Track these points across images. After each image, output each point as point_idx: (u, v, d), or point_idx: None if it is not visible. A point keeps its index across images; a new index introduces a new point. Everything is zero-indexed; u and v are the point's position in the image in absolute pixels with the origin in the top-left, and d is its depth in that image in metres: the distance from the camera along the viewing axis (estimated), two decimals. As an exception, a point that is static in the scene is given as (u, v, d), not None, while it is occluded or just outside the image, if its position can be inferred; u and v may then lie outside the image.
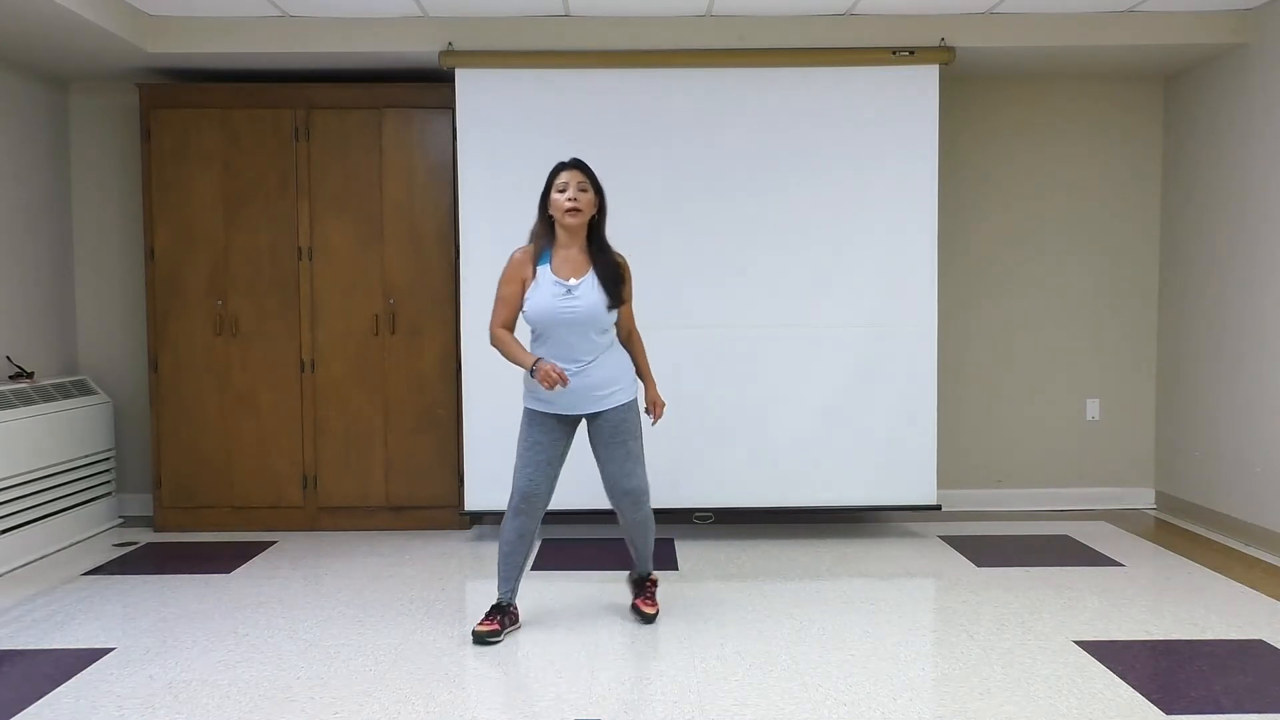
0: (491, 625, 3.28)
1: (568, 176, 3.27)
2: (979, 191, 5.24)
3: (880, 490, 4.65)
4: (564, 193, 3.25)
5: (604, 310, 3.26)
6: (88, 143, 5.18)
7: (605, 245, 3.35)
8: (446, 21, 4.53)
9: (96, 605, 3.71)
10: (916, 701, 2.77)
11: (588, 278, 3.27)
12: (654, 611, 3.49)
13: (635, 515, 3.41)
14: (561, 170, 3.29)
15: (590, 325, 3.25)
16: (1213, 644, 3.22)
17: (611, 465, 3.35)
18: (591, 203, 3.29)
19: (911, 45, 4.56)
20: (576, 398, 3.29)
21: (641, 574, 3.59)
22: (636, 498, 3.37)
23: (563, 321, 3.23)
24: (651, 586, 3.58)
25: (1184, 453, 5.09)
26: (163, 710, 2.74)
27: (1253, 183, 4.54)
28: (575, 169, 3.28)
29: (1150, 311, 5.33)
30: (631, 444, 3.35)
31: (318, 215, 4.79)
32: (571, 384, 3.25)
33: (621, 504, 3.39)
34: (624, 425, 3.34)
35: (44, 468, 4.47)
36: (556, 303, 3.23)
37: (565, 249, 3.31)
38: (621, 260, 3.38)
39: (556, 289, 3.24)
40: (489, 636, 3.25)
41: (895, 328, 4.62)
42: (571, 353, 3.26)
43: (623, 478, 3.34)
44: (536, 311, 3.25)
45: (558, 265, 3.29)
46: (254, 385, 4.83)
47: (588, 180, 3.29)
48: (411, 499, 4.85)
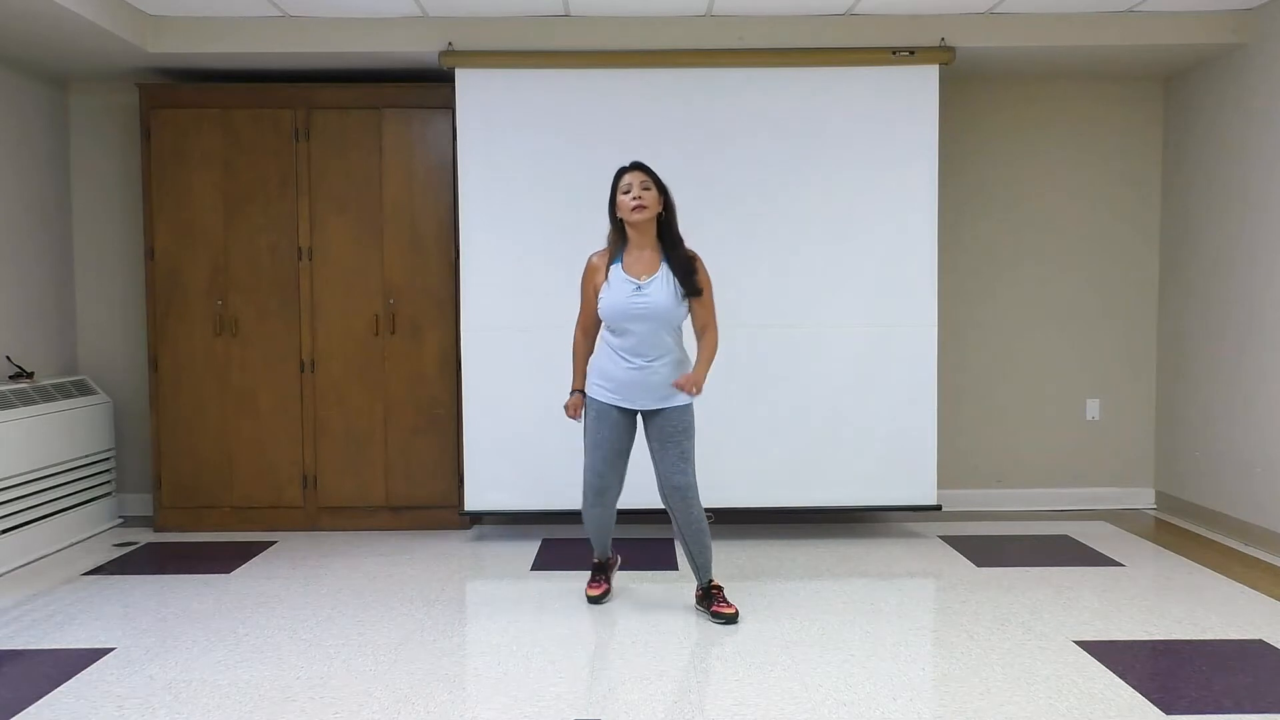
0: (600, 588, 3.69)
1: (630, 178, 3.40)
2: (979, 191, 5.24)
3: (880, 490, 4.65)
4: (628, 194, 3.38)
5: (674, 304, 3.38)
6: (88, 142, 5.18)
7: (677, 240, 3.48)
8: (446, 21, 4.53)
9: (96, 605, 3.71)
10: (916, 701, 2.77)
11: (659, 275, 3.40)
12: (733, 610, 3.44)
13: (687, 515, 3.45)
14: (624, 174, 3.43)
15: (662, 321, 3.39)
16: (1213, 644, 3.22)
17: (665, 463, 3.45)
18: (656, 200, 3.40)
19: (911, 45, 4.56)
20: (643, 392, 3.42)
21: (703, 585, 3.54)
22: (685, 494, 3.45)
23: (634, 317, 3.38)
24: (718, 592, 3.52)
25: (1184, 453, 5.09)
26: (163, 710, 2.74)
27: (1252, 182, 4.54)
28: (637, 170, 3.42)
29: (1150, 311, 5.33)
30: (685, 444, 3.47)
31: (318, 215, 4.79)
32: (638, 378, 3.41)
33: (672, 500, 3.46)
34: (681, 425, 3.46)
35: (44, 468, 4.47)
36: (627, 300, 3.37)
37: (638, 249, 3.45)
38: (694, 254, 3.49)
39: (627, 286, 3.39)
40: (600, 598, 3.67)
41: (896, 327, 4.62)
42: (641, 347, 3.40)
43: (674, 474, 3.45)
44: (609, 308, 3.41)
45: (629, 264, 3.43)
46: (254, 385, 4.83)
47: (650, 179, 3.41)
48: (411, 499, 4.85)
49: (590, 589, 3.71)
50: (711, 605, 3.48)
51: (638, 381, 3.40)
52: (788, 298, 4.61)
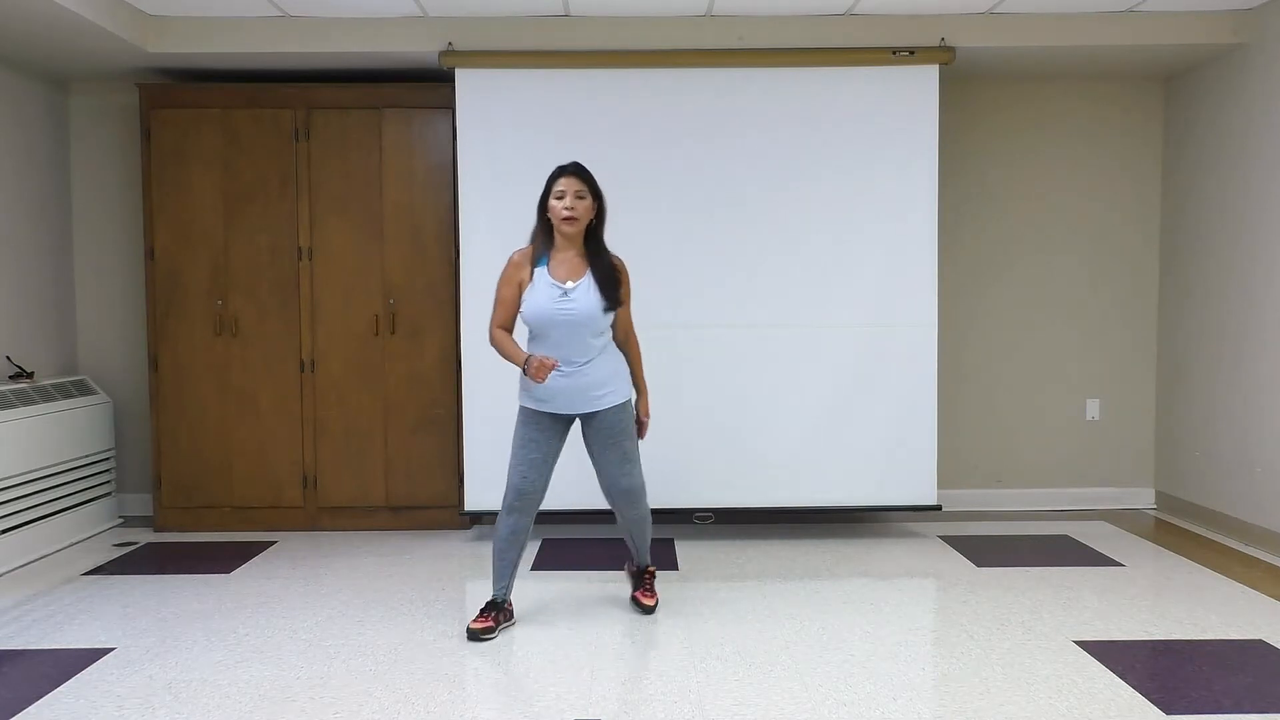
0: (486, 622, 3.30)
1: (565, 184, 3.29)
2: (979, 191, 5.24)
3: (880, 490, 4.65)
4: (561, 200, 3.28)
5: (600, 312, 3.28)
6: (88, 142, 5.17)
7: (603, 249, 3.38)
8: (446, 21, 4.53)
9: (96, 605, 3.71)
10: (916, 701, 2.77)
11: (584, 280, 3.30)
12: (653, 603, 3.57)
13: (633, 513, 3.49)
14: (560, 176, 3.31)
15: (586, 327, 3.28)
16: (1213, 644, 3.22)
17: (608, 466, 3.40)
18: (589, 209, 3.31)
19: (911, 45, 4.56)
20: (571, 398, 3.32)
21: (640, 565, 3.67)
22: (633, 497, 3.44)
23: (558, 323, 3.26)
24: (649, 578, 3.65)
25: (1184, 453, 5.09)
26: (163, 710, 2.74)
27: (1253, 182, 4.54)
28: (574, 175, 3.30)
29: (1150, 311, 5.33)
30: (626, 444, 3.40)
31: (318, 215, 4.79)
32: (566, 384, 3.29)
33: (619, 503, 3.46)
34: (618, 426, 3.38)
35: (44, 468, 4.47)
36: (552, 305, 3.26)
37: (563, 252, 3.34)
38: (619, 263, 3.40)
39: (553, 291, 3.27)
40: (483, 634, 3.27)
41: (895, 327, 4.62)
42: (567, 354, 3.29)
43: (620, 477, 3.40)
44: (533, 313, 3.29)
45: (555, 267, 3.32)
46: (254, 385, 4.83)
47: (586, 187, 3.30)
48: (411, 499, 4.85)
49: (475, 622, 3.30)
50: (638, 590, 3.59)
51: (566, 388, 3.30)
52: (788, 297, 4.61)
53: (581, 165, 3.34)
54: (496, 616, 3.34)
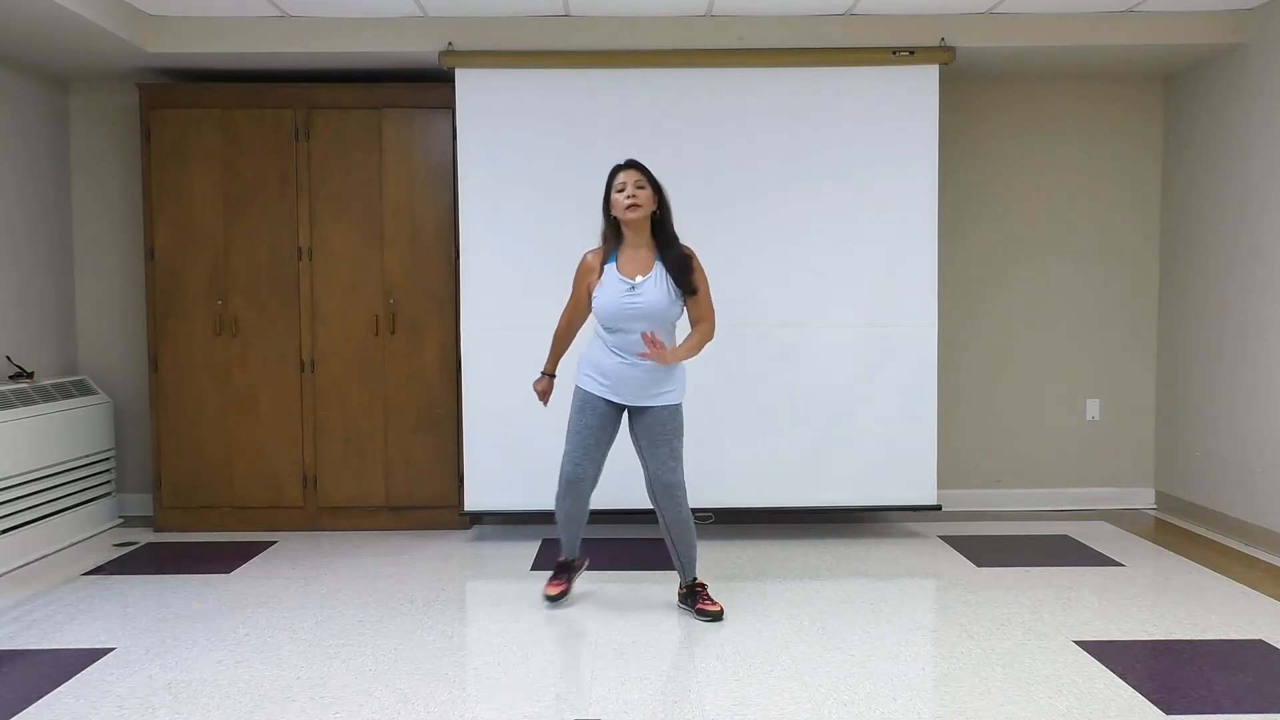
0: (560, 586, 3.64)
1: (625, 176, 3.40)
2: (979, 191, 5.24)
3: (880, 490, 4.65)
4: (622, 192, 3.38)
5: (669, 303, 3.38)
6: (88, 143, 5.18)
7: (672, 238, 3.48)
8: (446, 21, 4.53)
9: (96, 605, 3.71)
10: (916, 701, 2.77)
11: (653, 274, 3.40)
12: (719, 607, 3.48)
13: (675, 514, 3.47)
14: (618, 172, 3.43)
15: (655, 320, 3.38)
16: (1213, 644, 3.22)
17: (654, 461, 3.45)
18: (650, 198, 3.40)
19: (911, 45, 4.56)
20: (634, 388, 3.42)
21: (687, 584, 3.57)
22: (674, 493, 3.45)
23: (627, 316, 3.37)
24: (702, 589, 3.56)
25: (1184, 453, 5.09)
26: (163, 710, 2.74)
27: (1253, 182, 4.54)
28: (631, 169, 3.42)
29: (1150, 311, 5.33)
30: (675, 443, 3.47)
31: (318, 215, 4.79)
32: (633, 374, 3.40)
33: (661, 499, 3.47)
34: (671, 424, 3.46)
35: (44, 468, 4.47)
36: (620, 300, 3.37)
37: (632, 248, 3.44)
38: (689, 251, 3.48)
39: (621, 286, 3.38)
40: (557, 598, 3.62)
41: (895, 327, 4.62)
42: (636, 345, 3.37)
43: (665, 473, 3.44)
44: (603, 308, 3.40)
45: (624, 264, 3.42)
46: (254, 385, 4.83)
47: (644, 178, 3.41)
48: (411, 499, 4.85)
49: (549, 587, 3.67)
50: (696, 604, 3.51)
51: (630, 377, 3.40)
52: (788, 297, 4.61)
53: (637, 160, 3.45)
54: (569, 576, 3.69)
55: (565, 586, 3.67)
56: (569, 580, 3.70)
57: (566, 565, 3.71)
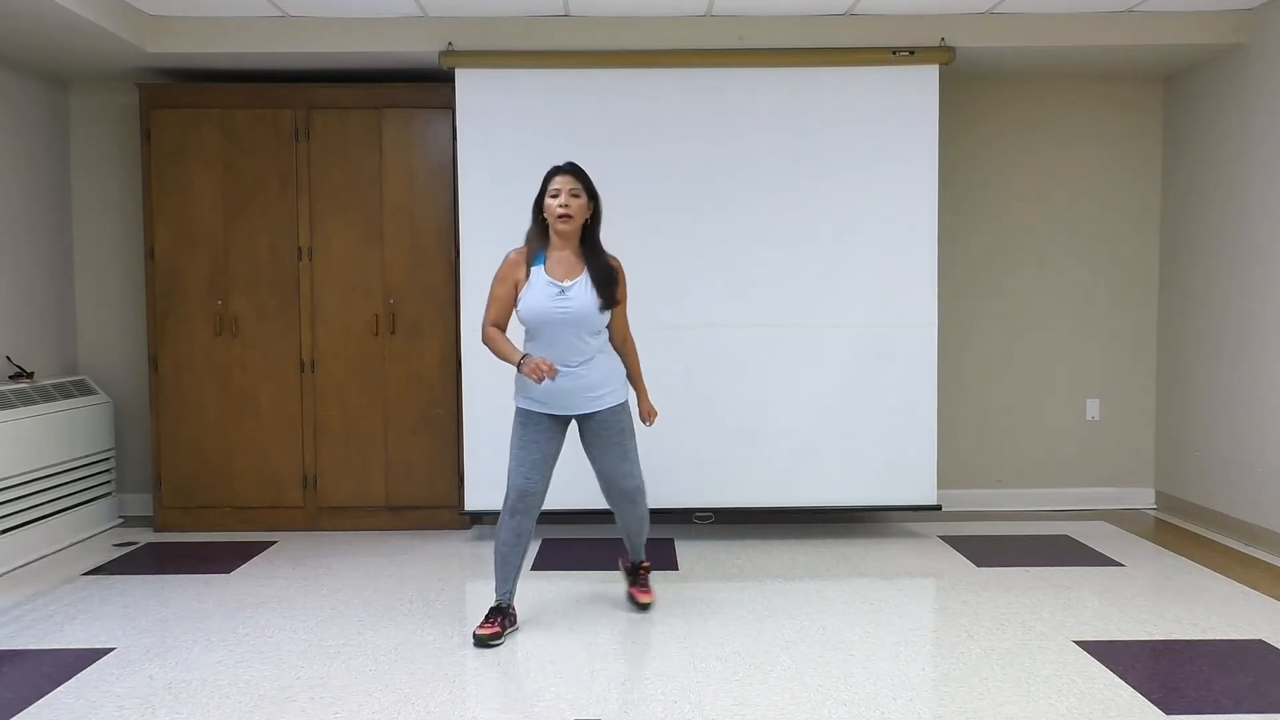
0: (493, 628, 3.26)
1: (560, 182, 3.28)
2: (979, 191, 5.24)
3: (880, 490, 4.65)
4: (556, 198, 3.27)
5: (596, 311, 3.28)
6: (88, 143, 5.18)
7: (599, 248, 3.37)
8: (446, 21, 4.53)
9: (96, 605, 3.71)
10: (916, 701, 2.77)
11: (581, 279, 3.29)
12: (650, 599, 3.60)
13: (632, 514, 3.50)
14: (555, 175, 3.31)
15: (583, 326, 3.28)
16: (1213, 644, 3.22)
17: (607, 466, 3.40)
18: (584, 208, 3.31)
19: (911, 45, 4.56)
20: (569, 398, 3.31)
21: (634, 561, 3.68)
22: (633, 497, 3.44)
23: (555, 321, 3.26)
24: (644, 573, 3.67)
25: (1184, 453, 5.09)
26: (163, 710, 2.74)
27: (1252, 182, 4.54)
28: (568, 174, 3.30)
29: (1150, 311, 5.33)
30: (626, 444, 3.40)
31: (318, 215, 4.79)
32: (564, 384, 3.28)
33: (619, 504, 3.46)
34: (616, 426, 3.38)
35: (44, 468, 4.47)
36: (549, 303, 3.25)
37: (559, 251, 3.34)
38: (615, 263, 3.40)
39: (550, 289, 3.27)
40: (490, 640, 3.23)
41: (895, 327, 4.62)
42: (563, 353, 3.28)
43: (620, 478, 3.40)
44: (530, 311, 3.28)
45: (551, 266, 3.32)
46: (254, 385, 4.83)
47: (580, 185, 3.30)
48: (411, 499, 4.85)
49: (481, 628, 3.26)
50: (634, 585, 3.62)
51: (564, 389, 3.28)
52: (788, 297, 4.61)
53: (576, 164, 3.34)
54: (502, 621, 3.30)
55: (498, 630, 3.26)
56: (502, 625, 3.29)
57: (500, 609, 3.33)
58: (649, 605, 3.59)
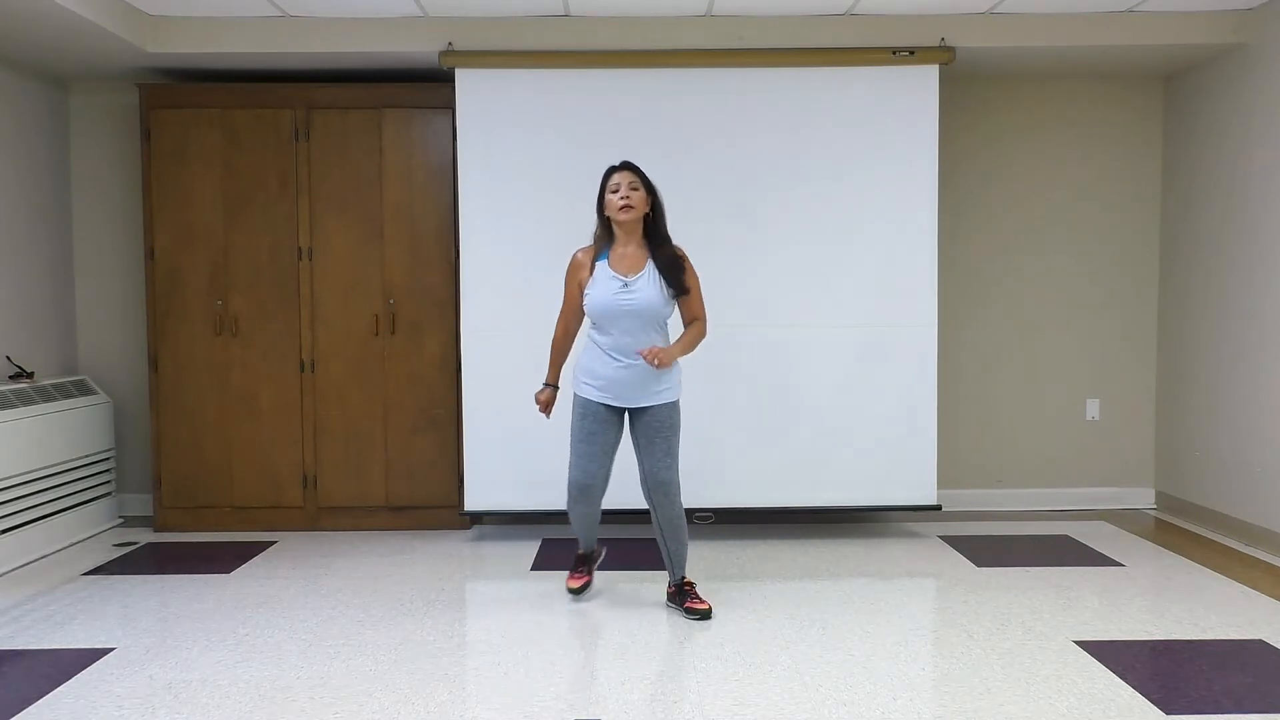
0: (582, 579, 3.74)
1: (619, 178, 3.44)
2: (979, 191, 5.24)
3: (880, 490, 4.65)
4: (617, 193, 3.42)
5: (662, 302, 3.41)
6: (88, 143, 5.18)
7: (664, 238, 3.49)
8: (446, 21, 4.53)
9: (96, 605, 3.71)
10: (916, 701, 2.77)
11: (645, 272, 3.42)
12: (707, 606, 3.51)
13: (669, 511, 3.49)
14: (613, 173, 3.47)
15: (648, 318, 3.40)
16: (1213, 644, 3.22)
17: (650, 459, 3.46)
18: (644, 200, 3.44)
19: (911, 45, 4.56)
20: (632, 390, 3.43)
21: (677, 581, 3.59)
22: (669, 490, 3.47)
23: (620, 313, 3.39)
24: (691, 588, 3.58)
25: (1184, 453, 5.09)
26: (163, 710, 2.74)
27: (1252, 182, 4.54)
28: (626, 170, 3.46)
29: (1150, 311, 5.33)
30: (672, 440, 3.49)
31: (318, 215, 4.79)
32: (628, 376, 3.41)
33: (655, 496, 3.48)
34: (669, 422, 3.47)
35: (44, 468, 4.47)
36: (613, 297, 3.39)
37: (623, 246, 3.47)
38: (681, 251, 3.51)
39: (614, 283, 3.40)
40: (583, 590, 3.72)
41: (895, 327, 4.62)
42: (629, 345, 3.39)
43: (660, 470, 3.46)
44: (595, 305, 3.42)
45: (615, 261, 3.45)
46: (254, 385, 4.83)
47: (638, 179, 3.45)
48: (411, 499, 4.85)
49: (572, 580, 3.76)
50: (685, 602, 3.53)
51: (626, 379, 3.41)
52: (788, 297, 4.61)
53: (632, 162, 3.49)
54: (589, 568, 3.77)
55: (587, 579, 3.76)
56: (589, 571, 3.78)
57: (585, 557, 3.78)
58: (709, 611, 3.48)
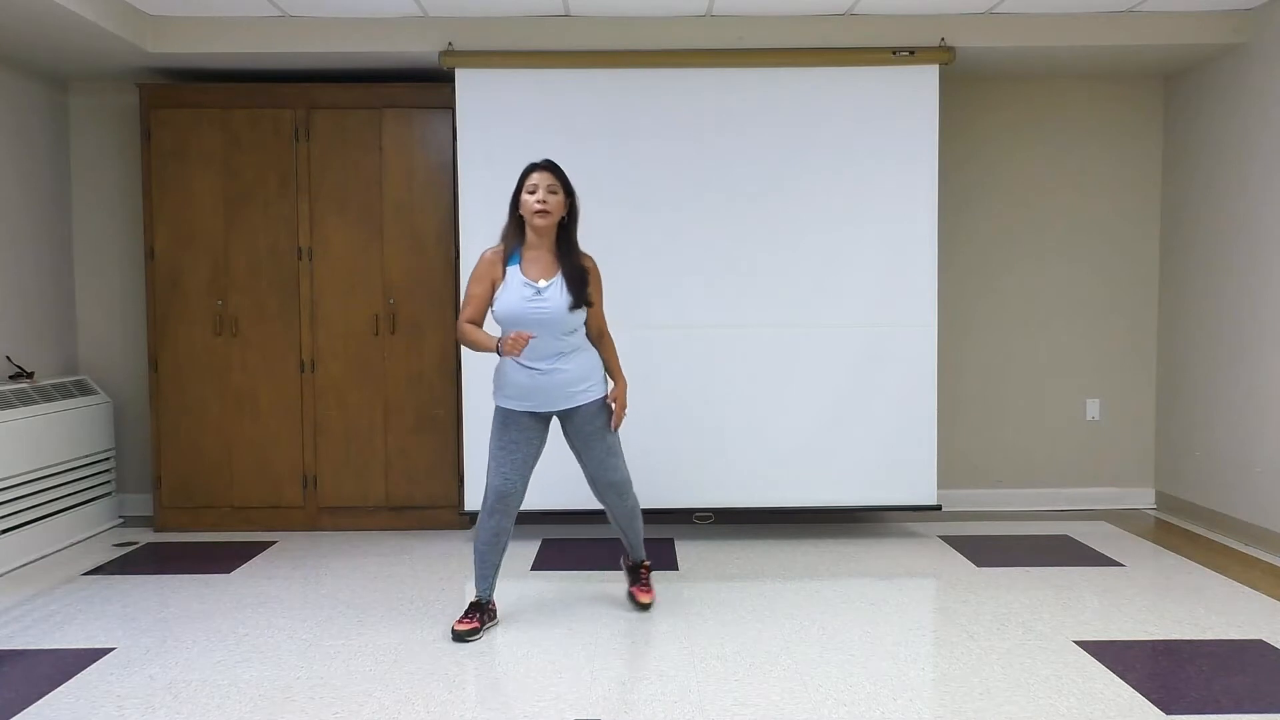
0: (471, 623, 3.29)
1: (538, 178, 3.28)
2: (979, 191, 5.24)
3: (880, 490, 4.65)
4: (533, 194, 3.27)
5: (570, 309, 3.27)
6: (88, 143, 5.18)
7: (574, 248, 3.36)
8: (446, 21, 4.53)
9: (96, 605, 3.71)
10: (916, 702, 2.77)
11: (556, 279, 3.29)
12: (650, 599, 3.59)
13: (622, 506, 3.50)
14: (532, 171, 3.30)
15: (558, 326, 3.27)
16: (1213, 644, 3.22)
17: (592, 461, 3.42)
18: (561, 204, 3.30)
19: (911, 45, 4.56)
20: (549, 395, 3.31)
21: (635, 560, 3.67)
22: (620, 489, 3.46)
23: (531, 322, 3.24)
24: (645, 573, 3.66)
25: (1184, 453, 5.09)
26: (163, 710, 2.74)
27: (1252, 182, 4.54)
28: (546, 170, 3.29)
29: (1150, 311, 5.33)
30: (609, 438, 3.41)
31: (318, 215, 4.79)
32: (543, 381, 3.29)
33: (606, 497, 3.47)
34: (598, 420, 3.39)
35: (44, 468, 4.47)
36: (525, 304, 3.25)
37: (535, 250, 3.33)
38: (589, 262, 3.39)
39: (525, 290, 3.26)
40: (468, 635, 3.27)
41: (895, 327, 4.62)
42: (540, 351, 3.27)
43: (605, 471, 3.42)
44: (505, 311, 3.27)
45: (527, 266, 3.31)
46: (254, 385, 4.83)
47: (558, 182, 3.29)
48: (411, 499, 4.85)
49: (460, 623, 3.29)
50: (634, 585, 3.60)
51: (542, 386, 3.29)
52: (787, 297, 4.61)
53: (554, 161, 3.34)
54: (481, 617, 3.33)
55: (476, 625, 3.29)
56: (480, 620, 3.32)
57: (479, 605, 3.36)
58: (649, 605, 3.59)
